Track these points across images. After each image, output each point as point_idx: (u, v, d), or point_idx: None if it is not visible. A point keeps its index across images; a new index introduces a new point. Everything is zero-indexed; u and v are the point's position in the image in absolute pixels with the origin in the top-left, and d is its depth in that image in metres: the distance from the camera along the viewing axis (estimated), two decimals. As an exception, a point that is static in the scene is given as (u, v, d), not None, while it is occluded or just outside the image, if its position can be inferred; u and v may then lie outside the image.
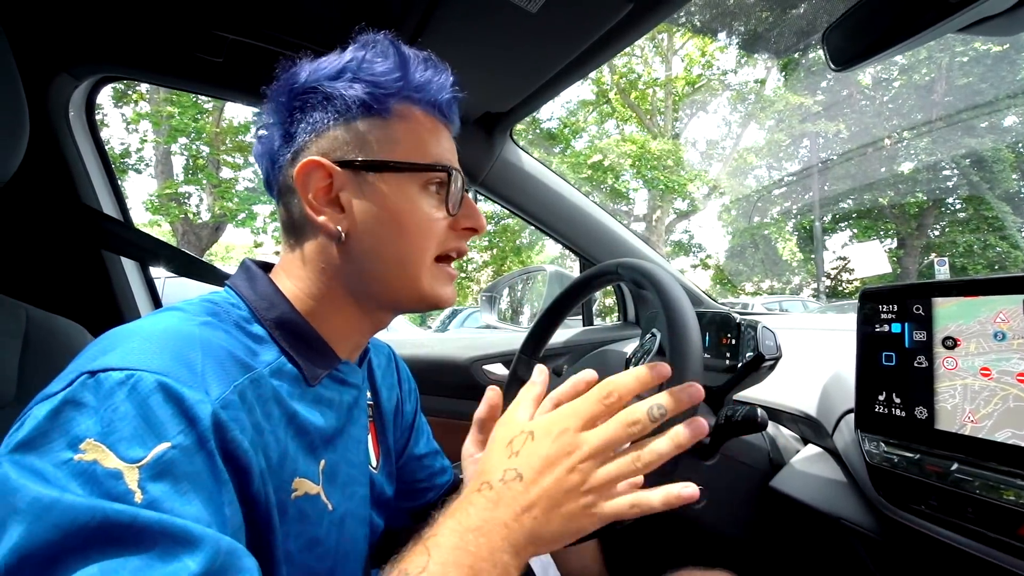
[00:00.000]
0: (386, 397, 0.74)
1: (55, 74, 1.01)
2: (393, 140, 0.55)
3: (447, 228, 0.58)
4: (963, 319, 0.58)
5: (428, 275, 0.57)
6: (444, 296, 0.59)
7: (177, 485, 0.38)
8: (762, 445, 0.85)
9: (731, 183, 16.07)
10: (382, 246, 0.55)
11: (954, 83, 11.88)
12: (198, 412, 0.40)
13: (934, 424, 0.59)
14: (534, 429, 0.47)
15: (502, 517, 0.42)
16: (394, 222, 0.55)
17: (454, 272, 0.61)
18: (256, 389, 0.47)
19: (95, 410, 0.37)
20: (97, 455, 0.36)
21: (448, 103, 0.59)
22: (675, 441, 0.46)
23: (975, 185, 11.77)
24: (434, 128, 0.58)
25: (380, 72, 0.54)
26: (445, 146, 0.59)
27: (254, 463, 0.44)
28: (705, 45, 14.11)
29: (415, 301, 0.58)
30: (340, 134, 0.54)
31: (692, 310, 0.60)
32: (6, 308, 0.69)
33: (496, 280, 1.72)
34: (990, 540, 0.54)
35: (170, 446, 0.38)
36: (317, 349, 0.56)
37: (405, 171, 0.55)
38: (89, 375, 0.39)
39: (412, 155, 0.56)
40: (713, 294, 1.52)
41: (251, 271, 0.58)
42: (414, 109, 0.57)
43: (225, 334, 0.48)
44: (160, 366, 0.40)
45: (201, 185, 11.51)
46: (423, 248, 0.56)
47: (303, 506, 0.50)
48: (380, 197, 0.55)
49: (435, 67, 0.58)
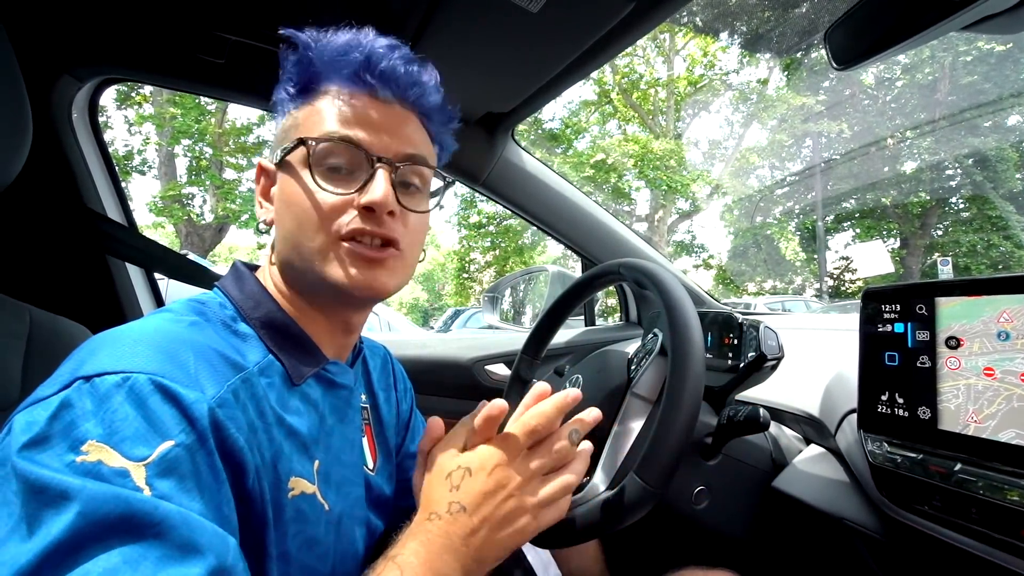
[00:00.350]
0: (383, 398, 0.74)
1: (58, 76, 1.01)
2: (297, 124, 0.56)
3: (341, 206, 0.53)
4: (967, 319, 0.58)
5: (326, 257, 0.53)
6: (346, 279, 0.53)
7: (182, 483, 0.38)
8: (764, 445, 0.85)
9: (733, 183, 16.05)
10: (282, 229, 0.56)
11: (958, 82, 11.83)
12: (196, 411, 0.40)
13: (937, 424, 0.59)
14: (470, 465, 0.51)
15: (454, 543, 0.48)
16: (286, 203, 0.55)
17: (370, 254, 0.53)
18: (248, 388, 0.47)
19: (94, 413, 0.37)
20: (101, 455, 0.36)
21: (367, 66, 0.54)
22: (584, 458, 0.56)
23: (979, 184, 11.73)
24: (341, 99, 0.54)
25: (289, 67, 0.56)
26: (347, 116, 0.54)
27: (249, 461, 0.44)
28: (707, 45, 14.10)
29: (323, 286, 0.54)
30: (279, 132, 0.58)
31: (694, 310, 0.60)
32: (10, 309, 0.69)
33: (498, 280, 1.72)
34: (994, 541, 0.53)
35: (174, 444, 0.38)
36: (303, 347, 0.56)
37: (292, 151, 0.54)
38: (84, 380, 0.39)
39: (304, 133, 0.54)
40: (715, 294, 1.52)
41: (239, 271, 0.59)
42: (327, 88, 0.55)
43: (213, 334, 0.49)
44: (155, 367, 0.41)
45: (204, 186, 11.56)
46: (312, 229, 0.53)
47: (300, 505, 0.50)
48: (283, 184, 0.56)
49: (348, 35, 0.55)
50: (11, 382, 0.66)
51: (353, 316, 0.61)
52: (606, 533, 0.56)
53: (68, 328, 0.75)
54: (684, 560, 0.76)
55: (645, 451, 0.54)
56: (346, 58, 0.53)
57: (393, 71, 0.54)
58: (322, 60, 0.54)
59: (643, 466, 0.54)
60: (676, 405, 0.55)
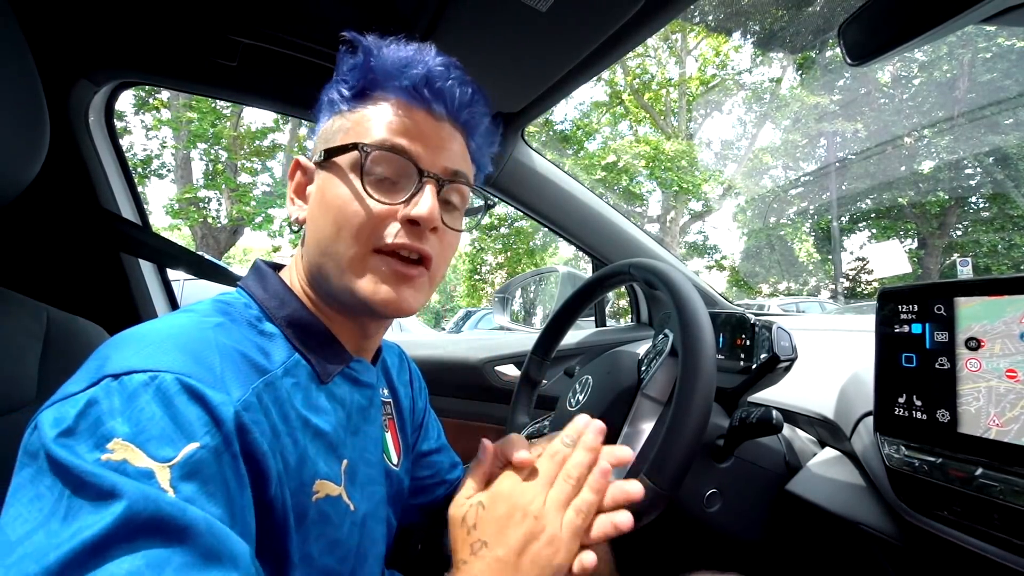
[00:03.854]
0: (403, 394, 0.75)
1: (75, 80, 1.03)
2: (348, 127, 0.55)
3: (385, 216, 0.52)
4: (987, 319, 0.57)
5: (358, 267, 0.52)
6: (373, 294, 0.52)
7: (205, 486, 0.38)
8: (778, 448, 0.83)
9: (746, 183, 15.90)
10: (317, 232, 0.54)
11: (976, 79, 11.60)
12: (222, 413, 0.40)
13: (957, 428, 0.57)
14: (482, 499, 0.51)
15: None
16: (326, 205, 0.54)
17: (404, 270, 0.53)
18: (272, 392, 0.47)
19: (121, 411, 0.37)
20: (127, 454, 0.36)
21: (425, 82, 0.54)
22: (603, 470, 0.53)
23: (999, 183, 11.48)
24: (397, 111, 0.54)
25: (346, 70, 0.56)
26: (401, 127, 0.53)
27: (272, 467, 0.44)
28: (719, 44, 13.99)
29: (347, 296, 0.53)
30: (324, 130, 0.58)
31: (705, 310, 0.59)
32: (27, 309, 0.71)
33: (509, 281, 1.71)
34: (1017, 548, 0.52)
35: (199, 446, 0.38)
36: (329, 346, 0.56)
37: (341, 153, 0.53)
38: (112, 378, 0.39)
39: (358, 138, 0.53)
40: (729, 296, 1.50)
41: (262, 271, 0.58)
42: (384, 97, 0.55)
43: (238, 335, 0.48)
44: (182, 367, 0.40)
45: (220, 189, 11.71)
46: (350, 236, 0.51)
47: (325, 508, 0.50)
48: (325, 184, 0.55)
49: (410, 50, 0.55)
50: (29, 380, 0.67)
51: (373, 324, 0.61)
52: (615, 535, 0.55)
53: (85, 328, 0.76)
54: (695, 563, 0.75)
55: (655, 453, 0.54)
56: (407, 71, 0.53)
57: (451, 90, 0.55)
58: (383, 69, 0.54)
59: (653, 468, 0.53)
60: (687, 406, 0.54)
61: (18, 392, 0.64)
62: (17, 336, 0.67)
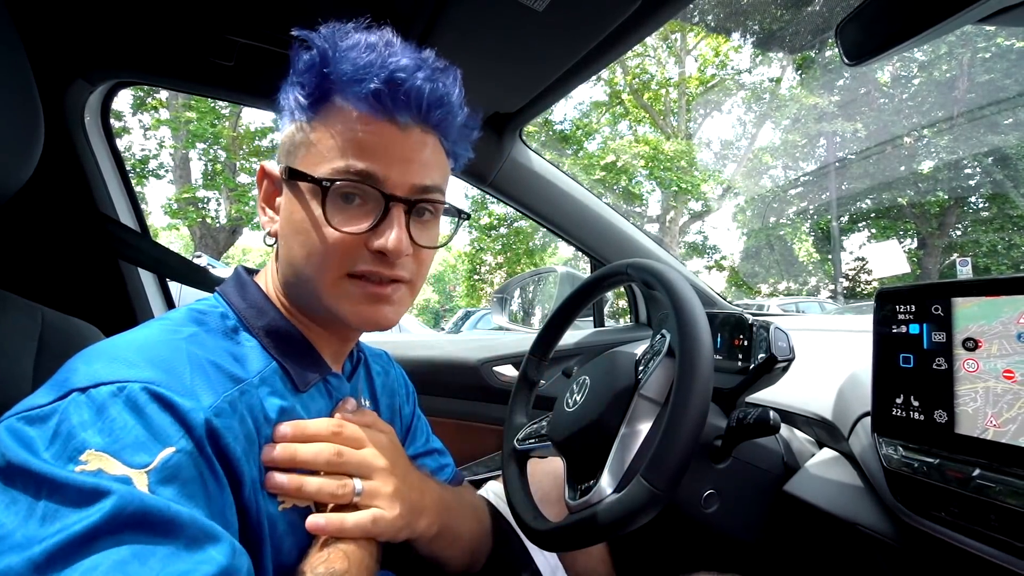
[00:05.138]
0: (385, 404, 0.75)
1: (71, 80, 1.02)
2: (310, 143, 0.52)
3: (351, 246, 0.51)
4: (985, 320, 0.56)
5: (332, 292, 0.52)
6: (351, 315, 0.52)
7: (184, 488, 0.38)
8: (775, 448, 0.83)
9: (746, 183, 15.90)
10: (289, 254, 0.54)
11: (976, 79, 11.60)
12: (193, 419, 0.40)
13: (954, 428, 0.57)
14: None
15: None
16: (294, 231, 0.53)
17: (377, 291, 0.53)
18: (246, 400, 0.47)
19: (91, 423, 0.37)
20: (101, 464, 0.36)
21: (388, 87, 0.49)
22: None
23: (999, 183, 11.48)
24: (358, 125, 0.50)
25: (303, 69, 0.52)
26: (362, 147, 0.50)
27: (246, 472, 0.44)
28: (719, 44, 13.98)
29: (325, 313, 0.54)
30: (286, 138, 0.55)
31: (702, 310, 0.59)
32: (22, 309, 0.70)
33: (507, 281, 1.71)
34: (1015, 549, 0.52)
35: (175, 451, 0.38)
36: (307, 354, 0.56)
37: (301, 179, 0.51)
38: (80, 391, 0.39)
39: (319, 161, 0.50)
40: (729, 296, 1.50)
41: (242, 279, 0.58)
42: (343, 107, 0.51)
43: (212, 344, 0.48)
44: (150, 376, 0.40)
45: (219, 189, 11.70)
46: (319, 264, 0.51)
47: (292, 518, 0.50)
48: (291, 203, 0.53)
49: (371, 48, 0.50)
50: (24, 380, 0.67)
51: (353, 333, 0.61)
52: (613, 536, 0.55)
53: (80, 328, 0.76)
54: (693, 564, 0.75)
55: (652, 454, 0.54)
56: (367, 77, 0.49)
57: (417, 92, 0.50)
58: (341, 75, 0.49)
59: (650, 469, 0.53)
60: (684, 407, 0.54)
61: (13, 392, 0.64)
62: (12, 336, 0.67)
